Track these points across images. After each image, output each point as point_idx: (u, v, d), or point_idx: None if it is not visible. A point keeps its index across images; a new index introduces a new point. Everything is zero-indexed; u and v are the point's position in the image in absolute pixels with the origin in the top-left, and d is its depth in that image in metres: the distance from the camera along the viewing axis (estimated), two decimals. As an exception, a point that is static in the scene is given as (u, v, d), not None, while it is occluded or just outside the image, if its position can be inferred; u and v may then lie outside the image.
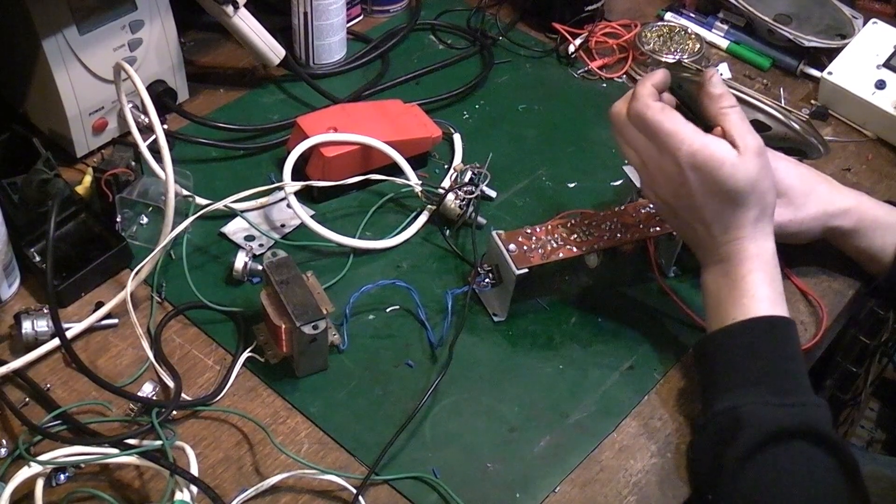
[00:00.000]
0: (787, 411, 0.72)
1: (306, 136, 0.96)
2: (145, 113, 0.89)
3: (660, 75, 0.81)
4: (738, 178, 0.76)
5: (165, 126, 0.99)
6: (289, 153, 0.95)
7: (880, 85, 1.09)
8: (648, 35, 1.19)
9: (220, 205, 0.91)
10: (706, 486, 0.76)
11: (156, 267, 0.88)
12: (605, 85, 1.17)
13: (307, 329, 0.78)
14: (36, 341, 0.82)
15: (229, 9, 1.03)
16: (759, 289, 0.77)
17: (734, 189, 0.76)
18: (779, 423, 0.72)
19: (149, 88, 0.98)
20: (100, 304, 0.85)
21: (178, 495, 0.71)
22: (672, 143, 0.77)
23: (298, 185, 0.94)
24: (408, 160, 0.98)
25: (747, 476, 0.71)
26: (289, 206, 0.93)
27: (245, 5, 1.04)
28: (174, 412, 0.78)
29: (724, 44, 1.22)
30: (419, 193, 0.97)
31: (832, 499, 0.70)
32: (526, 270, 0.84)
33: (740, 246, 0.78)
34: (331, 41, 1.13)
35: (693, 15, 1.25)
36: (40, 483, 0.72)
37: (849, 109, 1.12)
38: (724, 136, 0.78)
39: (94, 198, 0.92)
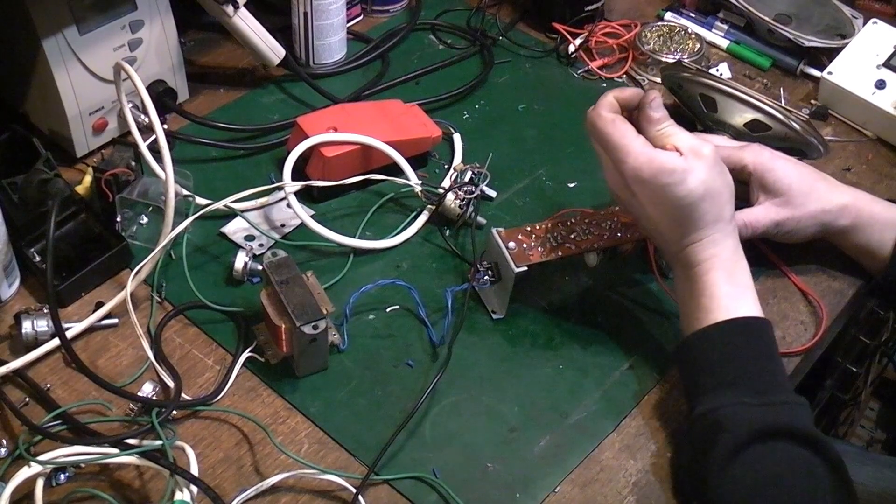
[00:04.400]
0: (767, 410, 0.72)
1: (306, 136, 0.96)
2: (145, 113, 0.89)
3: (629, 92, 0.81)
4: (687, 185, 0.76)
5: (165, 126, 0.99)
6: (289, 153, 0.95)
7: (880, 85, 1.09)
8: (648, 35, 1.19)
9: (220, 205, 0.91)
10: (691, 491, 0.75)
11: (156, 267, 0.88)
12: (605, 85, 1.17)
13: (307, 329, 0.78)
14: (36, 341, 0.82)
15: (229, 9, 1.03)
16: (717, 287, 0.77)
17: (685, 197, 0.76)
18: (759, 423, 0.71)
19: (149, 88, 0.98)
20: (100, 304, 0.85)
21: (178, 495, 0.71)
22: (618, 156, 0.78)
23: (298, 185, 0.94)
24: (408, 160, 0.98)
25: (731, 477, 0.70)
26: (289, 206, 0.93)
27: (245, 5, 1.04)
28: (174, 412, 0.78)
29: (724, 44, 1.22)
30: (419, 193, 0.97)
31: (818, 496, 0.70)
32: (525, 268, 0.85)
33: (698, 249, 0.78)
34: (331, 41, 1.13)
35: (693, 15, 1.25)
36: (40, 483, 0.72)
37: (849, 109, 1.12)
38: (670, 149, 0.78)
39: (94, 198, 0.92)
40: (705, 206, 0.77)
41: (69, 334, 0.82)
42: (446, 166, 1.03)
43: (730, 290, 0.77)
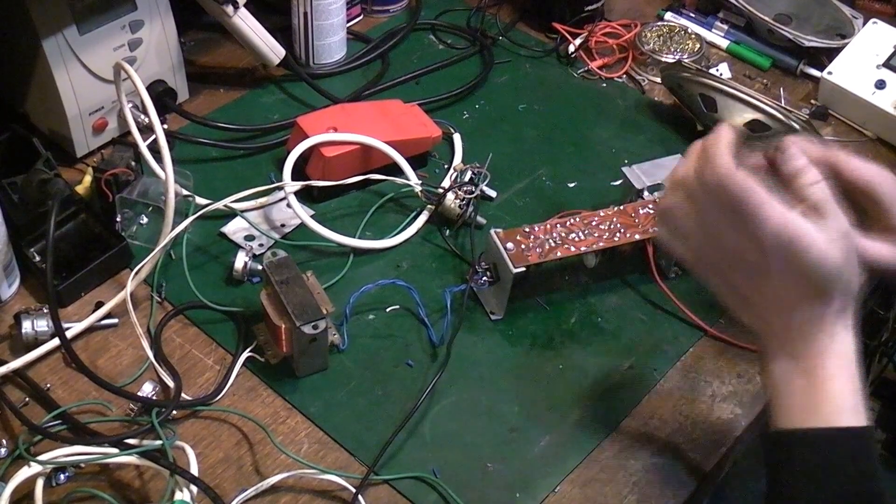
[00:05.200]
0: None
1: (306, 136, 0.96)
2: (145, 113, 0.89)
3: (729, 136, 0.68)
4: (824, 266, 0.65)
5: (165, 126, 0.99)
6: (289, 153, 0.95)
7: (880, 85, 1.09)
8: (648, 35, 1.19)
9: (220, 205, 0.91)
10: None
11: (156, 267, 0.88)
12: (605, 85, 1.17)
13: (307, 329, 0.78)
14: (36, 341, 0.82)
15: (229, 9, 1.03)
16: (843, 398, 0.67)
17: (821, 278, 0.66)
18: None
19: (149, 88, 0.98)
20: (100, 304, 0.85)
21: (178, 495, 0.71)
22: (756, 220, 0.66)
23: (298, 184, 0.94)
24: (408, 160, 0.98)
25: None
26: (289, 205, 0.93)
27: (245, 5, 1.04)
28: (174, 412, 0.78)
29: (724, 44, 1.22)
30: (419, 193, 0.97)
31: None
32: (523, 269, 0.84)
33: (821, 343, 0.67)
34: (331, 41, 1.13)
35: (693, 15, 1.25)
36: (40, 483, 0.72)
37: (849, 109, 1.12)
38: (809, 214, 0.67)
39: (94, 198, 0.92)
40: (836, 292, 0.67)
41: (69, 334, 0.82)
42: (446, 166, 1.03)
43: (855, 403, 0.67)
